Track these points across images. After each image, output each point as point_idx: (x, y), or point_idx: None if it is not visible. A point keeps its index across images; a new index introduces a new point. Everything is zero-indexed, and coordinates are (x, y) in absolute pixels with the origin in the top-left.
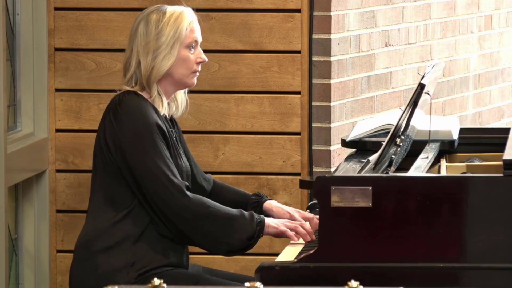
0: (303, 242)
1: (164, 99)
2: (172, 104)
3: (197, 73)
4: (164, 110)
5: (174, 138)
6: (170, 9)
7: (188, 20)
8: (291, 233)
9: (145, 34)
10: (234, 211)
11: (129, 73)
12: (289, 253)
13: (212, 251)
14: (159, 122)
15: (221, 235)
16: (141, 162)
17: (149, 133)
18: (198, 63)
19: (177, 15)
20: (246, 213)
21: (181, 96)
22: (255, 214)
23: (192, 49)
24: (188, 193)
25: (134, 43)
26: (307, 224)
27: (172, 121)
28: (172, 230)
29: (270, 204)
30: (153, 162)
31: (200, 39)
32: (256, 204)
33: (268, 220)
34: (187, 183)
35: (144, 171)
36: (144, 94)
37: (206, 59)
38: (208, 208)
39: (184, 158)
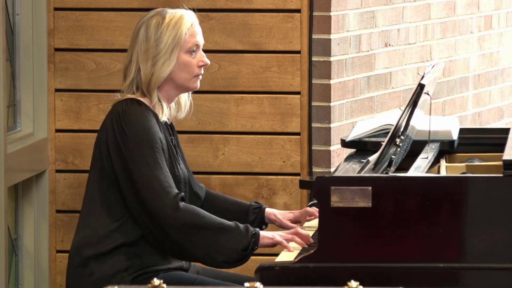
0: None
1: (165, 105)
2: (174, 107)
3: (200, 77)
4: (164, 117)
5: (173, 146)
6: (170, 13)
7: (187, 25)
8: (287, 244)
9: (144, 40)
10: (229, 222)
11: (128, 79)
12: (289, 253)
13: (207, 262)
14: (160, 134)
15: (216, 245)
16: (139, 170)
17: (150, 144)
18: (200, 67)
19: (176, 20)
20: (241, 225)
21: (185, 98)
22: (250, 226)
23: (193, 53)
24: (182, 203)
25: (135, 49)
26: (303, 231)
27: (172, 127)
28: (163, 242)
29: (272, 210)
30: (150, 171)
31: (201, 42)
32: (258, 210)
33: (263, 232)
34: (182, 194)
35: (140, 180)
36: (145, 101)
37: (209, 62)
38: (203, 218)
39: (182, 165)
